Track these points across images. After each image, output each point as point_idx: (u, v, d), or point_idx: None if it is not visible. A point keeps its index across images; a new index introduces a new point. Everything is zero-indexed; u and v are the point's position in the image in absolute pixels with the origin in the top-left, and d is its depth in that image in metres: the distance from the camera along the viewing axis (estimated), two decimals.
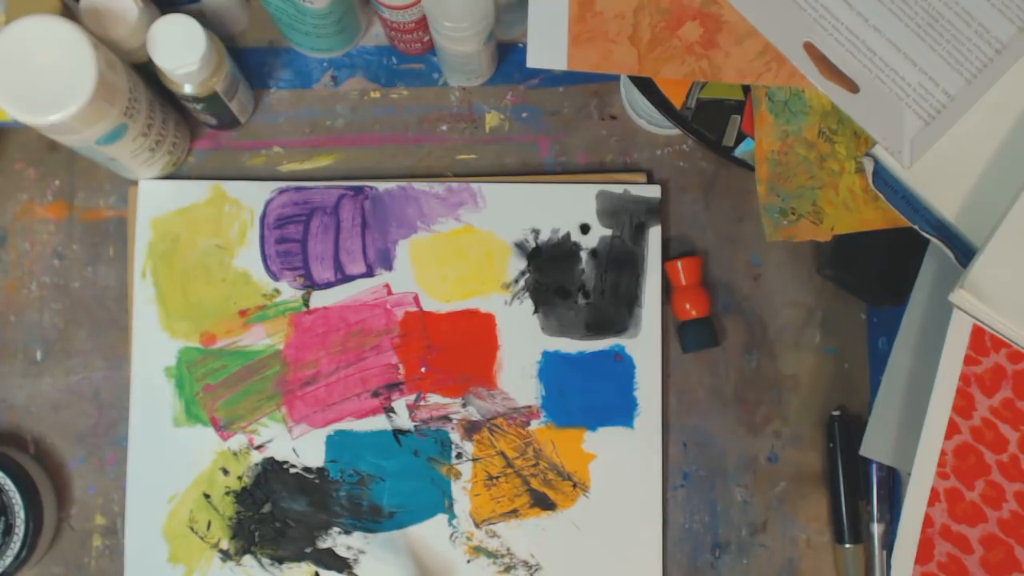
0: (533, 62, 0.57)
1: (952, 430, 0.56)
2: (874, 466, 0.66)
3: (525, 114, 0.68)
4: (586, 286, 0.67)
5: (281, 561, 0.65)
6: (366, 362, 0.66)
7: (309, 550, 0.65)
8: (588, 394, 0.66)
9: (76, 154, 0.66)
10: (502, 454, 0.66)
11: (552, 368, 0.66)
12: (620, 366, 0.66)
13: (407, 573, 0.64)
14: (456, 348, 0.66)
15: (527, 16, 0.57)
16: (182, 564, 0.64)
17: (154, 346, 0.65)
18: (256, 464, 0.65)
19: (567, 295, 0.67)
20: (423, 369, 0.66)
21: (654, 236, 0.67)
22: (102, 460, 0.66)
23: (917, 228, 0.56)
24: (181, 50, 0.58)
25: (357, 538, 0.65)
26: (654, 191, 0.67)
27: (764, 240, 0.67)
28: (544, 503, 0.66)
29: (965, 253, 0.55)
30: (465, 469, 0.66)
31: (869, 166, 0.56)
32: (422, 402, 0.66)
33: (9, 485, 0.61)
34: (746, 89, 0.60)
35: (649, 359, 0.66)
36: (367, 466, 0.65)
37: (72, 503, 0.66)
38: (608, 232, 0.67)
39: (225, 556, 0.65)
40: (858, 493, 0.66)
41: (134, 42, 0.60)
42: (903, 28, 0.54)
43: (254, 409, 0.66)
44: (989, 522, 0.56)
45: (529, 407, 0.66)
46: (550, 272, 0.67)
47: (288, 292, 0.66)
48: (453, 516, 0.65)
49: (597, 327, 0.66)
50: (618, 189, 0.67)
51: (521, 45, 0.69)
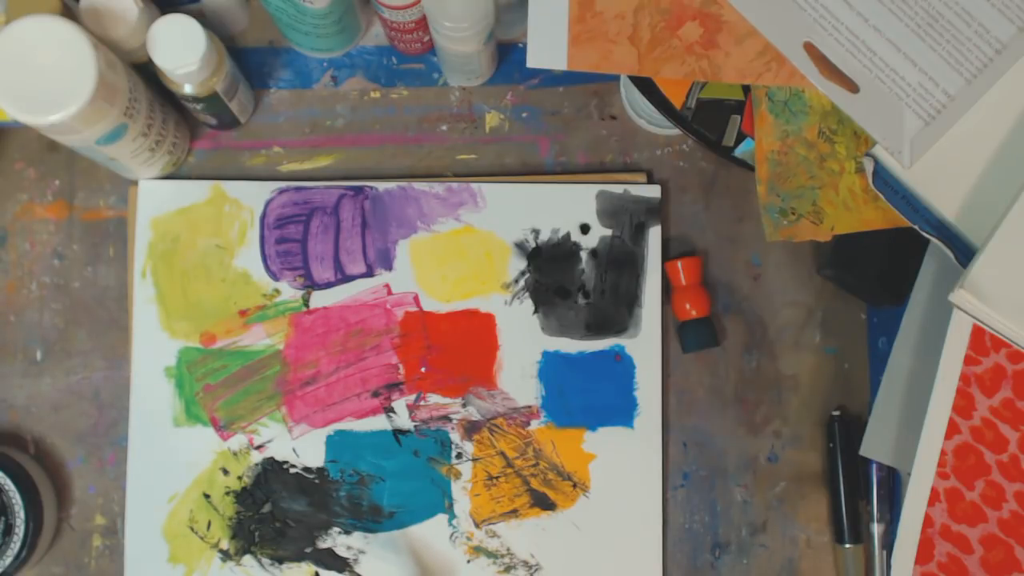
0: (533, 62, 0.57)
1: (952, 430, 0.56)
2: (874, 466, 0.66)
3: (525, 114, 0.68)
4: (586, 286, 0.67)
5: (281, 561, 0.65)
6: (366, 362, 0.66)
7: (309, 550, 0.65)
8: (588, 394, 0.66)
9: (76, 154, 0.66)
10: (502, 454, 0.66)
11: (552, 368, 0.66)
12: (620, 366, 0.66)
13: (408, 572, 0.64)
14: (456, 348, 0.66)
15: (527, 16, 0.56)
16: (182, 564, 0.64)
17: (154, 346, 0.65)
18: (256, 464, 0.65)
19: (567, 295, 0.67)
20: (423, 369, 0.66)
21: (654, 236, 0.67)
22: (102, 460, 0.66)
23: (917, 228, 0.56)
24: (181, 50, 0.58)
25: (357, 538, 0.65)
26: (654, 191, 0.67)
27: (764, 240, 0.67)
28: (544, 503, 0.66)
29: (965, 253, 0.55)
30: (465, 469, 0.66)
31: (869, 166, 0.56)
32: (422, 402, 0.66)
33: (9, 485, 0.61)
34: (746, 89, 0.60)
35: (649, 359, 0.66)
36: (367, 466, 0.65)
37: (72, 503, 0.66)
38: (608, 232, 0.67)
39: (225, 556, 0.65)
40: (858, 493, 0.66)
41: (134, 42, 0.60)
42: (903, 28, 0.54)
43: (254, 409, 0.66)
44: (989, 522, 0.56)
45: (529, 407, 0.66)
46: (550, 272, 0.67)
47: (288, 292, 0.66)
48: (453, 516, 0.65)
49: (597, 327, 0.66)
50: (618, 189, 0.67)
51: (521, 45, 0.69)
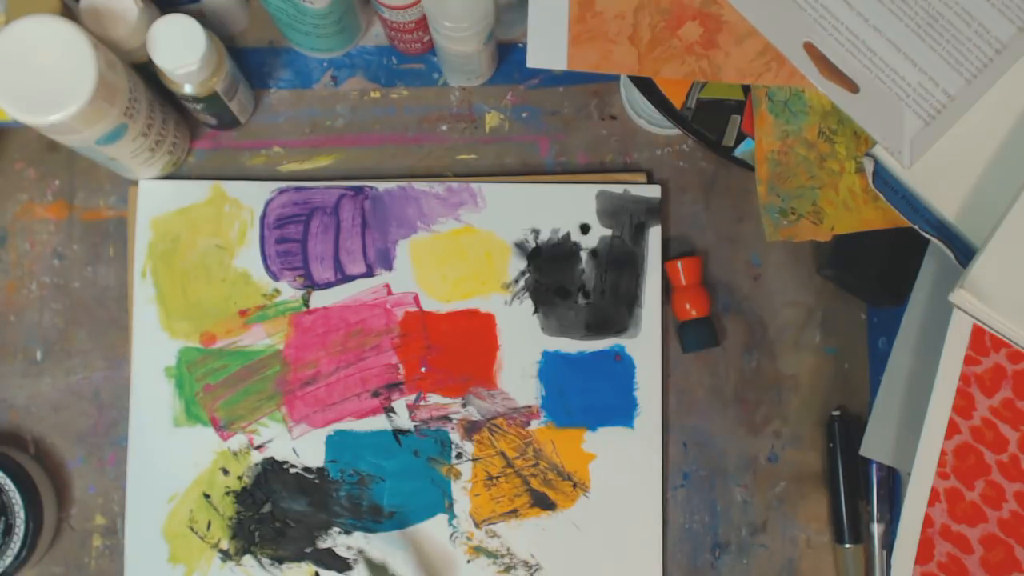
0: (533, 62, 0.57)
1: (952, 430, 0.56)
2: (874, 466, 0.66)
3: (525, 114, 0.68)
4: (586, 286, 0.67)
5: (281, 561, 0.65)
6: (366, 362, 0.66)
7: (309, 550, 0.65)
8: (588, 394, 0.66)
9: (76, 154, 0.66)
10: (502, 454, 0.66)
11: (552, 368, 0.66)
12: (620, 366, 0.66)
13: (410, 567, 0.64)
14: (456, 348, 0.66)
15: (527, 16, 0.57)
16: (182, 564, 0.64)
17: (154, 346, 0.65)
18: (256, 464, 0.65)
19: (567, 295, 0.67)
20: (423, 369, 0.66)
21: (654, 236, 0.67)
22: (102, 460, 0.66)
23: (917, 228, 0.56)
24: (181, 50, 0.58)
25: (357, 538, 0.65)
26: (654, 191, 0.67)
27: (764, 240, 0.67)
28: (544, 503, 0.66)
29: (965, 253, 0.55)
30: (465, 469, 0.66)
31: (869, 166, 0.56)
32: (422, 402, 0.66)
33: (9, 485, 0.61)
34: (746, 89, 0.60)
35: (649, 359, 0.66)
36: (367, 466, 0.65)
37: (72, 503, 0.66)
38: (608, 232, 0.67)
39: (225, 556, 0.65)
40: (858, 493, 0.66)
41: (134, 42, 0.60)
42: (903, 28, 0.54)
43: (254, 409, 0.66)
44: (989, 522, 0.56)
45: (529, 407, 0.66)
46: (550, 272, 0.67)
47: (288, 292, 0.66)
48: (453, 516, 0.65)
49: (597, 327, 0.66)
50: (618, 189, 0.67)
51: (521, 45, 0.69)
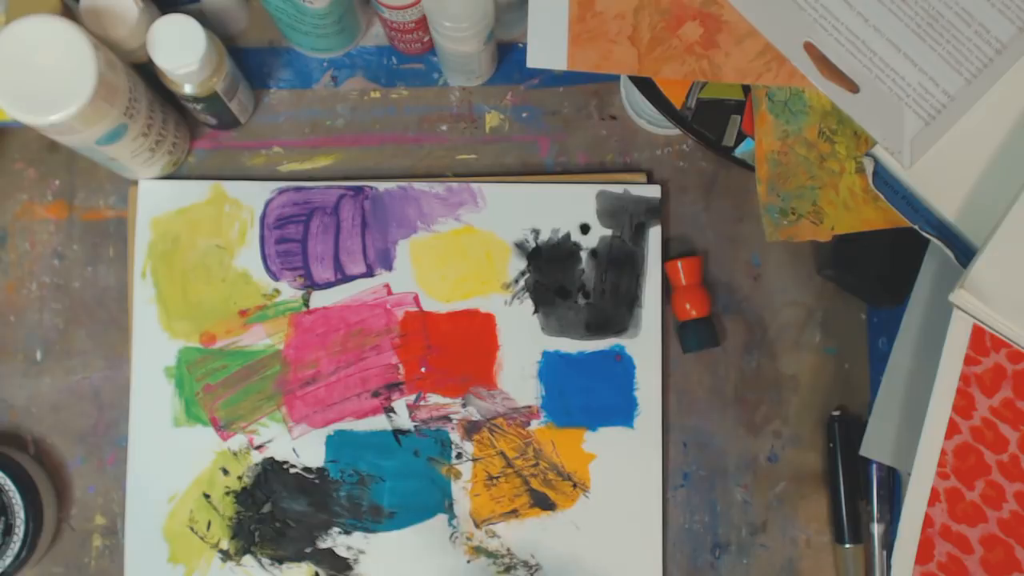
0: (533, 62, 0.57)
1: (952, 430, 0.56)
2: (874, 466, 0.66)
3: (525, 114, 0.68)
4: (586, 286, 0.67)
5: (281, 561, 0.65)
6: (366, 362, 0.66)
7: (309, 550, 0.65)
8: (588, 394, 0.66)
9: (76, 154, 0.66)
10: (502, 454, 0.66)
11: (552, 368, 0.66)
12: (620, 366, 0.66)
13: None
14: (456, 348, 0.66)
15: (527, 16, 0.57)
16: (182, 564, 0.64)
17: (154, 346, 0.65)
18: (256, 464, 0.65)
19: (567, 295, 0.67)
20: (423, 369, 0.66)
21: (654, 236, 0.67)
22: (102, 460, 0.66)
23: (917, 228, 0.56)
24: (181, 50, 0.58)
25: (357, 538, 0.65)
26: (654, 191, 0.67)
27: (764, 240, 0.67)
28: (544, 503, 0.66)
29: (965, 253, 0.55)
30: (465, 469, 0.66)
31: (869, 166, 0.56)
32: (422, 402, 0.66)
33: (9, 485, 0.61)
34: (746, 89, 0.60)
35: (649, 359, 0.66)
36: (367, 466, 0.65)
37: (72, 503, 0.66)
38: (608, 232, 0.67)
39: (225, 556, 0.65)
40: (858, 493, 0.66)
41: (134, 42, 0.60)
42: (903, 28, 0.54)
43: (254, 409, 0.66)
44: (989, 522, 0.56)
45: (529, 407, 0.66)
46: (550, 272, 0.67)
47: (288, 292, 0.66)
48: (453, 516, 0.65)
49: (597, 327, 0.66)
50: (618, 189, 0.67)
51: (521, 45, 0.69)
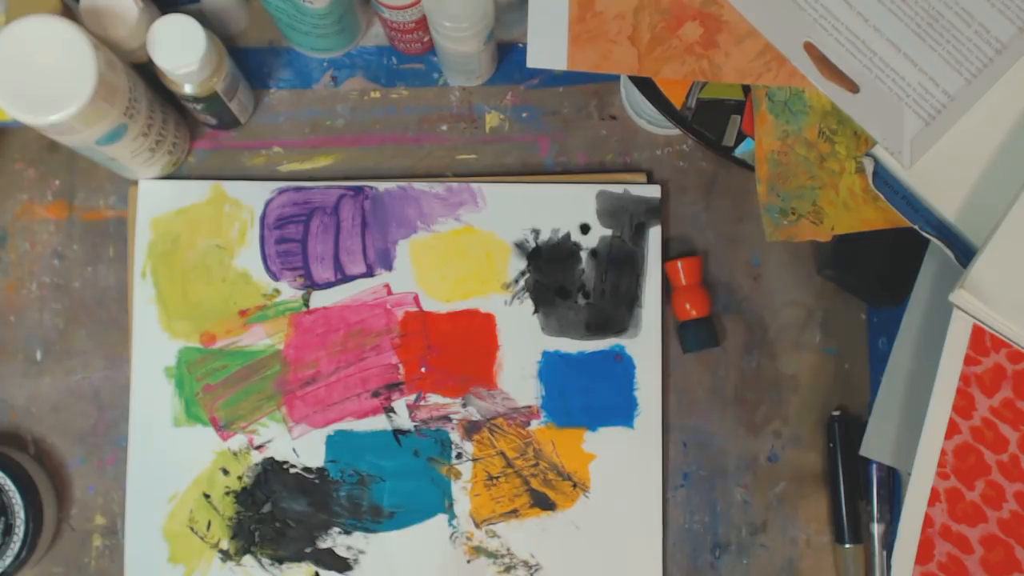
0: (533, 62, 0.57)
1: (952, 430, 0.56)
2: (874, 466, 0.66)
3: (525, 114, 0.68)
4: (586, 286, 0.67)
5: (281, 561, 0.65)
6: (366, 362, 0.66)
7: (309, 550, 0.65)
8: (588, 394, 0.66)
9: (76, 154, 0.66)
10: (502, 454, 0.66)
11: (552, 368, 0.66)
12: (620, 366, 0.66)
13: None
14: (456, 348, 0.66)
15: (527, 16, 0.57)
16: (182, 564, 0.64)
17: (154, 346, 0.65)
18: (256, 464, 0.65)
19: (567, 295, 0.66)
20: (423, 369, 0.66)
21: (654, 236, 0.67)
22: (102, 460, 0.66)
23: (917, 228, 0.56)
24: (181, 50, 0.58)
25: (357, 538, 0.65)
26: (654, 191, 0.67)
27: (764, 240, 0.67)
28: (544, 503, 0.66)
29: (965, 253, 0.55)
30: (465, 469, 0.66)
31: (869, 166, 0.56)
32: (422, 402, 0.66)
33: (9, 485, 0.61)
34: (746, 89, 0.60)
35: (649, 359, 0.66)
36: (367, 466, 0.65)
37: (72, 503, 0.66)
38: (608, 232, 0.67)
39: (225, 556, 0.65)
40: (858, 493, 0.66)
41: (134, 42, 0.60)
42: (903, 28, 0.54)
43: (254, 409, 0.66)
44: (989, 522, 0.56)
45: (529, 407, 0.66)
46: (550, 272, 0.67)
47: (288, 292, 0.66)
48: (453, 516, 0.65)
49: (597, 327, 0.66)
50: (618, 189, 0.67)
51: (521, 45, 0.69)
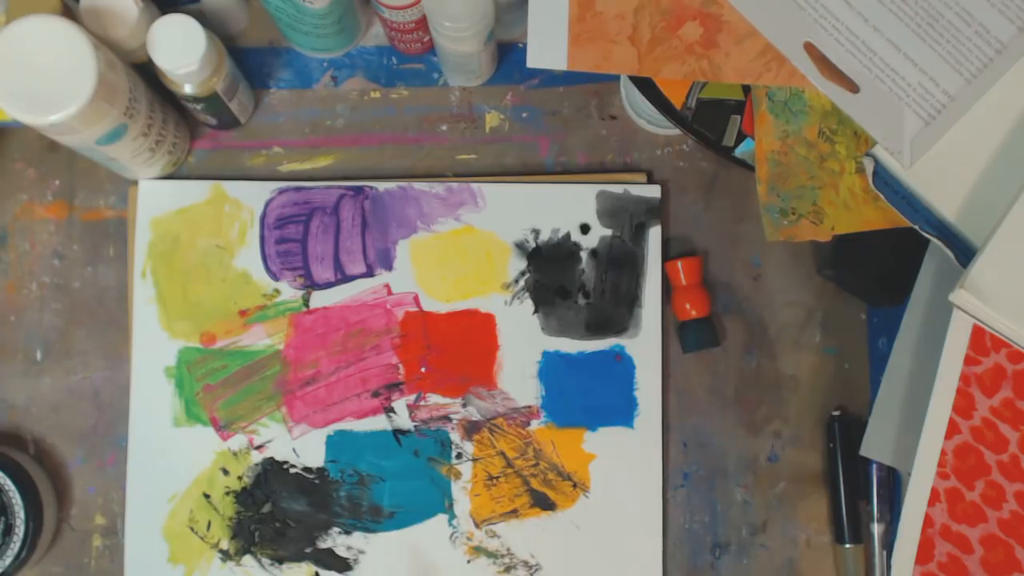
0: (533, 62, 0.57)
1: (952, 430, 0.56)
2: (874, 466, 0.66)
3: (525, 114, 0.68)
4: (586, 286, 0.67)
5: (281, 561, 0.65)
6: (366, 362, 0.66)
7: (309, 550, 0.65)
8: (588, 394, 0.66)
9: (76, 154, 0.66)
10: (502, 454, 0.66)
11: (552, 368, 0.66)
12: (620, 366, 0.66)
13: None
14: (456, 348, 0.66)
15: (527, 16, 0.57)
16: (182, 564, 0.64)
17: (154, 346, 0.65)
18: (256, 464, 0.65)
19: (567, 295, 0.67)
20: (423, 369, 0.66)
21: (654, 236, 0.67)
22: (102, 460, 0.66)
23: (917, 228, 0.56)
24: (181, 50, 0.58)
25: (357, 538, 0.65)
26: (654, 191, 0.67)
27: (764, 240, 0.67)
28: (544, 503, 0.66)
29: (965, 253, 0.55)
30: (465, 469, 0.66)
31: (869, 166, 0.56)
32: (422, 402, 0.66)
33: (9, 485, 0.61)
34: (746, 89, 0.60)
35: (649, 359, 0.66)
36: (367, 466, 0.65)
37: (72, 503, 0.66)
38: (608, 232, 0.67)
39: (225, 556, 0.65)
40: (858, 493, 0.66)
41: (134, 42, 0.60)
42: (903, 28, 0.54)
43: (254, 409, 0.66)
44: (989, 522, 0.56)
45: (529, 407, 0.66)
46: (550, 272, 0.67)
47: (288, 292, 0.66)
48: (453, 516, 0.65)
49: (597, 327, 0.66)
50: (618, 189, 0.67)
51: (521, 45, 0.69)
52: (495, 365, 0.66)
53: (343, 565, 0.65)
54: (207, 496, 0.65)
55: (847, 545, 0.65)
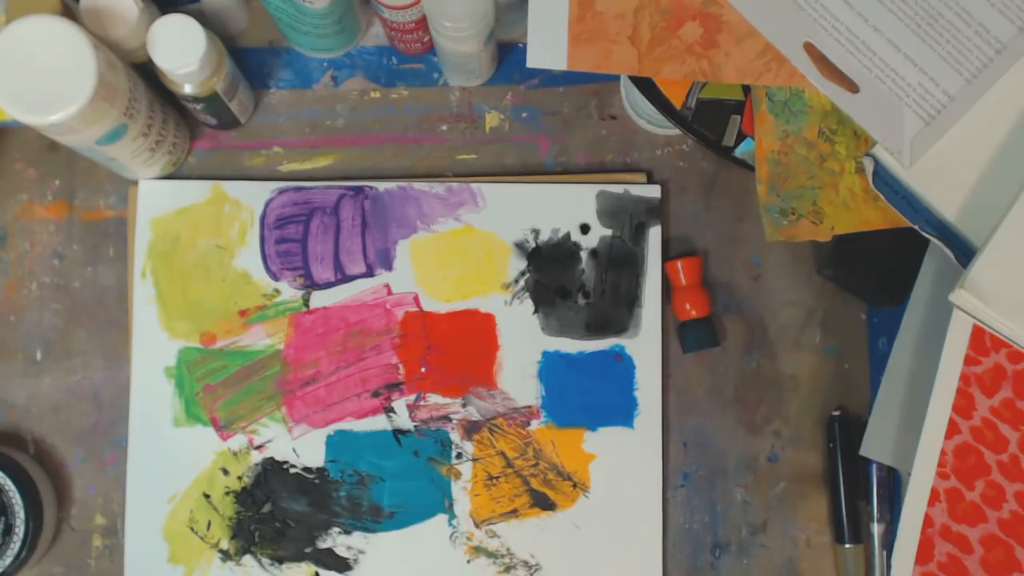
0: (533, 62, 0.57)
1: (952, 430, 0.56)
2: (874, 466, 0.66)
3: (525, 114, 0.68)
4: (586, 286, 0.67)
5: (281, 561, 0.65)
6: (366, 362, 0.66)
7: (309, 550, 0.65)
8: (588, 394, 0.66)
9: (76, 154, 0.66)
10: (502, 454, 0.66)
11: (552, 368, 0.66)
12: (620, 366, 0.66)
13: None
14: (456, 348, 0.66)
15: (527, 16, 0.57)
16: (182, 564, 0.64)
17: (154, 346, 0.65)
18: (256, 464, 0.65)
19: (567, 295, 0.67)
20: (423, 369, 0.66)
21: (654, 236, 0.67)
22: (102, 460, 0.66)
23: (917, 228, 0.56)
24: (181, 50, 0.58)
25: (357, 538, 0.65)
26: (654, 191, 0.67)
27: (764, 240, 0.67)
28: (544, 503, 0.66)
29: (965, 253, 0.55)
30: (465, 469, 0.66)
31: (869, 166, 0.56)
32: (422, 402, 0.66)
33: (9, 485, 0.61)
34: (746, 89, 0.60)
35: (649, 359, 0.66)
36: (367, 466, 0.65)
37: (72, 503, 0.66)
38: (608, 232, 0.67)
39: (225, 556, 0.65)
40: (858, 493, 0.66)
41: (134, 42, 0.60)
42: (903, 28, 0.54)
43: (254, 409, 0.66)
44: (989, 522, 0.56)
45: (529, 407, 0.66)
46: (550, 272, 0.67)
47: (288, 292, 0.66)
48: (453, 516, 0.65)
49: (597, 327, 0.66)
50: (618, 189, 0.67)
51: (521, 45, 0.69)
52: (495, 365, 0.66)
53: (343, 565, 0.65)
54: (207, 496, 0.65)
55: (847, 545, 0.65)
